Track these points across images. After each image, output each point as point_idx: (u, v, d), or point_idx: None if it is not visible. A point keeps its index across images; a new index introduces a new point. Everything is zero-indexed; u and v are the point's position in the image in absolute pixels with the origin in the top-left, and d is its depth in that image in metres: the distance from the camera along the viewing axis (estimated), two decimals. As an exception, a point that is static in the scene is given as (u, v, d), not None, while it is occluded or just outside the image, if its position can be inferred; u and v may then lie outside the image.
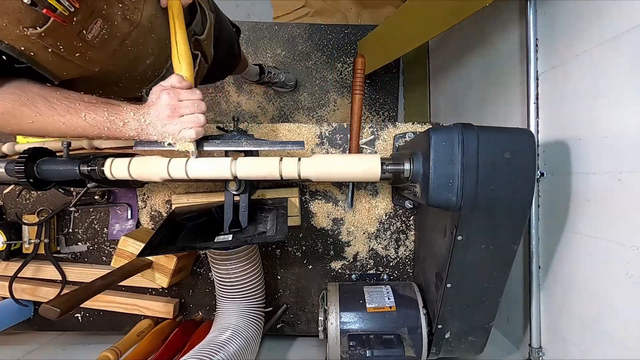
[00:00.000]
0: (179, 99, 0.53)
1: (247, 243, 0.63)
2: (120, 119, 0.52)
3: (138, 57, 0.58)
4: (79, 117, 0.50)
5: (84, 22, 0.45)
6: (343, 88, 1.67)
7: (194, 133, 0.53)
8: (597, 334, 0.57)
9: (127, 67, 0.58)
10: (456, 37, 1.19)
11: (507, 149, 0.47)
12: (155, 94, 0.53)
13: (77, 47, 0.47)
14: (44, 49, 0.44)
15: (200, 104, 0.55)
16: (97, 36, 0.48)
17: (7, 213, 0.81)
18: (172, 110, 0.52)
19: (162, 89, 0.53)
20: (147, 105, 0.53)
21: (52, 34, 0.43)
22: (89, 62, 0.50)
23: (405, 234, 0.81)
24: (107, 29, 0.49)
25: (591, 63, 0.58)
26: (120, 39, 0.52)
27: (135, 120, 0.52)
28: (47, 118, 0.49)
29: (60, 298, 0.54)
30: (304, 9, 1.68)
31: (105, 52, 0.51)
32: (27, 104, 0.48)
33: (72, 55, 0.47)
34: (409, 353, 0.62)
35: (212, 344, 0.59)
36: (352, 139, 0.76)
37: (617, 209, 0.53)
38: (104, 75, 0.55)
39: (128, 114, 0.52)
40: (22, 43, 0.42)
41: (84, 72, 0.52)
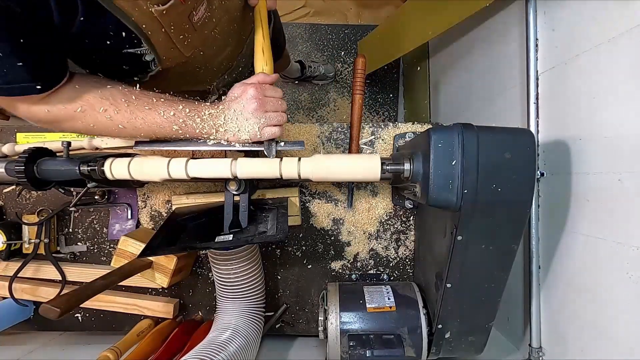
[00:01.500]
0: (265, 95, 0.52)
1: (248, 243, 0.63)
2: (198, 115, 0.51)
3: (222, 45, 0.59)
4: (157, 113, 0.50)
5: (195, 3, 0.46)
6: (343, 88, 1.67)
7: (277, 130, 0.53)
8: (597, 334, 0.57)
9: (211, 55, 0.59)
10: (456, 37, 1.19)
11: (507, 149, 0.47)
12: (239, 89, 0.52)
13: (184, 29, 0.48)
14: (159, 28, 0.44)
15: (283, 103, 0.55)
16: (200, 19, 0.49)
17: (7, 213, 0.81)
18: (260, 104, 0.51)
19: (247, 85, 0.52)
20: (227, 101, 0.53)
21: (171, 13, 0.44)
22: (187, 47, 0.51)
23: (405, 234, 0.81)
24: (209, 13, 0.49)
25: (591, 63, 0.58)
26: (214, 24, 0.53)
27: (213, 116, 0.52)
28: (126, 114, 0.49)
29: (60, 298, 0.54)
30: (304, 9, 1.68)
31: (202, 36, 0.52)
32: (109, 98, 0.48)
33: (177, 37, 0.48)
34: (409, 353, 0.62)
35: (212, 344, 0.59)
36: (352, 139, 0.76)
37: (617, 209, 0.53)
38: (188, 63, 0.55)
39: (206, 109, 0.52)
40: (144, 20, 0.43)
41: (179, 58, 0.52)
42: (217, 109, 0.52)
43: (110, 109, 0.48)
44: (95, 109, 0.48)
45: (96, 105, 0.47)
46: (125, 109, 0.48)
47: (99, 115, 0.48)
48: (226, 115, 0.52)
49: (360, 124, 0.76)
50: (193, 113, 0.51)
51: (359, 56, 0.73)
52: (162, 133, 0.52)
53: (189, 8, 0.46)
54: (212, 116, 0.52)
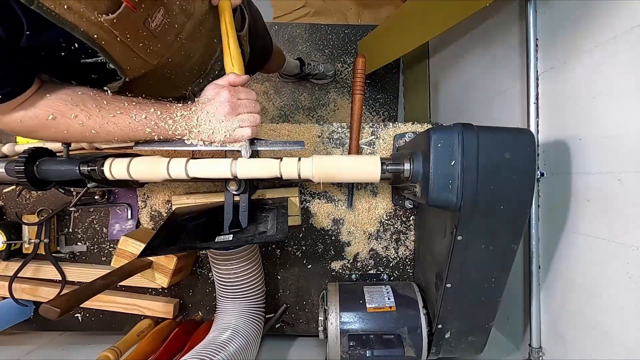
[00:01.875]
0: (239, 97, 0.53)
1: (248, 243, 0.63)
2: (170, 117, 0.52)
3: (189, 50, 0.58)
4: (129, 116, 0.50)
5: (149, 9, 0.45)
6: (343, 88, 1.67)
7: (249, 131, 0.54)
8: (597, 334, 0.57)
9: (179, 61, 0.58)
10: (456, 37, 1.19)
11: (507, 149, 0.47)
12: (212, 91, 0.53)
13: (142, 36, 0.47)
14: (114, 37, 0.44)
15: (257, 104, 0.55)
16: (159, 25, 0.48)
17: (7, 213, 0.81)
18: (232, 108, 0.52)
19: (220, 87, 0.52)
20: (201, 103, 0.53)
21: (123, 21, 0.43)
22: (150, 54, 0.51)
23: (405, 234, 0.81)
24: (168, 19, 0.49)
25: (591, 63, 0.58)
26: (177, 30, 0.52)
27: (186, 118, 0.52)
28: (98, 119, 0.49)
29: (60, 298, 0.54)
30: (304, 9, 1.68)
31: (164, 43, 0.51)
32: (79, 104, 0.48)
33: (137, 45, 0.47)
34: (409, 353, 0.62)
35: (212, 344, 0.59)
36: (352, 139, 0.76)
37: (617, 209, 0.53)
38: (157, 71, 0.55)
39: (177, 111, 0.52)
40: (95, 30, 0.42)
41: (144, 67, 0.52)
42: (190, 111, 0.52)
43: (81, 114, 0.48)
44: (66, 115, 0.48)
45: (67, 112, 0.48)
46: (96, 114, 0.49)
47: (70, 121, 0.48)
48: (199, 117, 0.52)
49: (360, 124, 0.76)
50: (165, 115, 0.51)
51: (359, 56, 0.73)
52: (136, 136, 0.52)
53: (143, 15, 0.45)
54: (185, 117, 0.52)
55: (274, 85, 1.66)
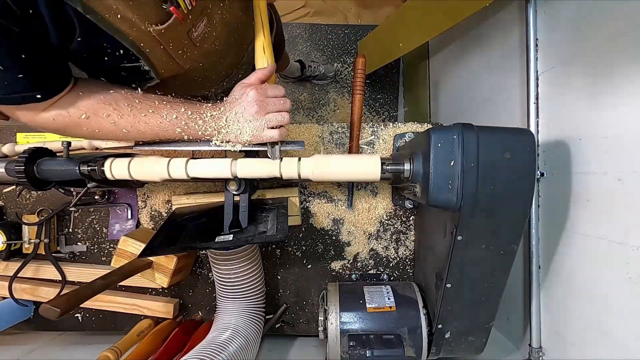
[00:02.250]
0: (267, 95, 0.52)
1: (248, 243, 0.63)
2: (200, 117, 0.51)
3: (221, 56, 0.58)
4: (160, 116, 0.50)
5: (194, 20, 0.46)
6: (343, 88, 1.67)
7: (277, 134, 0.53)
8: (597, 334, 0.57)
9: (210, 66, 0.58)
10: (456, 37, 1.19)
11: (507, 149, 0.47)
12: (240, 91, 0.52)
13: (183, 45, 0.47)
14: (157, 46, 0.44)
15: (286, 102, 0.54)
16: (200, 34, 0.48)
17: (7, 213, 0.81)
18: (260, 107, 0.51)
19: (246, 86, 0.52)
20: (229, 102, 0.52)
21: (170, 32, 0.43)
22: (185, 60, 0.50)
23: (405, 234, 0.81)
24: (208, 28, 0.49)
25: (591, 63, 0.58)
26: (214, 38, 0.52)
27: (215, 118, 0.51)
28: (129, 119, 0.49)
29: (60, 298, 0.54)
30: (304, 9, 1.68)
31: (201, 50, 0.51)
32: (112, 103, 0.48)
33: (176, 52, 0.48)
34: (409, 353, 0.62)
35: (212, 344, 0.59)
36: (352, 139, 0.76)
37: (617, 209, 0.53)
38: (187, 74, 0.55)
39: (207, 111, 0.51)
40: (142, 39, 0.42)
41: (177, 70, 0.52)
42: (219, 111, 0.52)
43: (113, 114, 0.48)
44: (99, 114, 0.48)
45: (100, 111, 0.48)
46: (128, 114, 0.49)
47: (102, 120, 0.48)
48: (228, 117, 0.51)
49: (360, 123, 0.76)
50: (195, 115, 0.51)
51: (359, 56, 0.73)
52: (166, 135, 0.52)
53: (188, 26, 0.45)
54: (214, 118, 0.51)
55: (274, 85, 1.66)
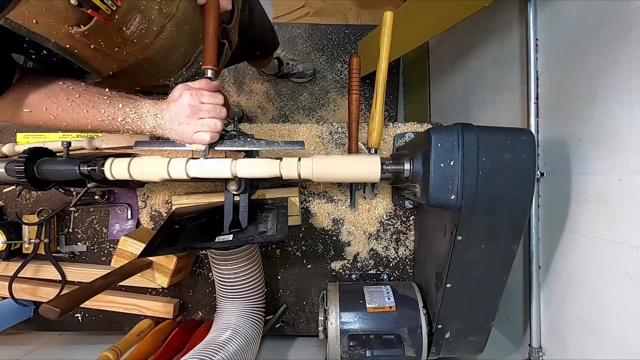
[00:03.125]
0: (201, 101, 0.53)
1: (248, 243, 0.63)
2: (137, 113, 0.52)
3: (170, 48, 0.59)
4: (98, 111, 0.51)
5: (123, 18, 0.46)
6: (343, 88, 1.67)
7: (208, 137, 0.54)
8: (597, 334, 0.57)
9: (159, 59, 0.59)
10: (456, 37, 1.19)
11: (507, 149, 0.47)
12: (178, 92, 0.53)
13: (117, 43, 0.48)
14: (87, 45, 0.45)
15: (221, 110, 0.55)
16: (135, 31, 0.49)
17: (7, 213, 0.81)
18: (192, 111, 0.52)
19: (186, 88, 0.53)
20: (167, 102, 0.53)
21: (95, 32, 0.44)
22: (126, 56, 0.51)
23: (405, 234, 0.81)
24: (145, 24, 0.50)
25: (591, 63, 0.58)
26: (155, 32, 0.53)
27: (152, 115, 0.53)
28: (69, 113, 0.50)
29: (60, 298, 0.54)
30: (304, 9, 1.68)
31: (142, 45, 0.52)
32: (51, 97, 0.49)
33: (112, 50, 0.48)
34: (409, 353, 0.62)
35: (212, 344, 0.59)
36: (351, 139, 0.76)
37: (617, 209, 0.53)
38: (135, 67, 0.56)
39: (145, 108, 0.53)
40: (67, 41, 0.43)
41: (121, 65, 0.53)
42: (157, 109, 0.53)
43: (53, 108, 0.50)
44: (40, 108, 0.50)
45: (41, 106, 0.49)
46: (68, 108, 0.50)
47: (43, 114, 0.50)
48: (164, 116, 0.53)
49: (358, 123, 0.75)
50: (133, 112, 0.52)
51: (353, 56, 0.73)
52: (107, 129, 0.54)
53: (117, 25, 0.46)
54: (152, 115, 0.53)
55: (274, 86, 1.66)
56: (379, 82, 0.66)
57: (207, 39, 0.59)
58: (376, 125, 0.67)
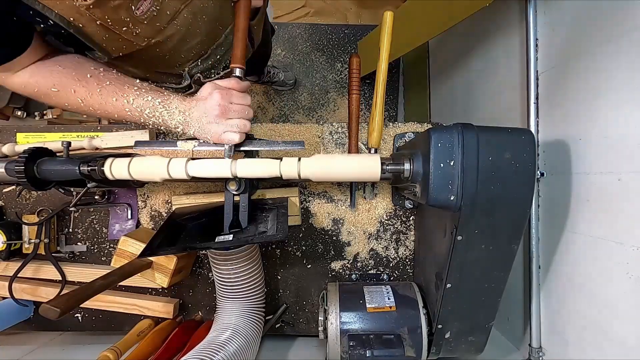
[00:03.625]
0: (231, 101, 0.53)
1: (248, 243, 0.63)
2: (165, 108, 0.52)
3: (185, 36, 0.58)
4: (127, 101, 0.50)
5: None
6: (343, 88, 1.67)
7: (237, 137, 0.54)
8: (597, 334, 0.57)
9: (173, 45, 0.58)
10: (456, 37, 1.19)
11: (507, 149, 0.47)
12: (208, 90, 0.53)
13: (125, 22, 0.47)
14: (92, 21, 0.44)
15: (250, 111, 0.55)
16: (145, 12, 0.48)
17: (7, 213, 0.81)
18: (222, 111, 0.52)
19: (215, 87, 0.53)
20: (196, 99, 0.53)
21: (101, 7, 0.43)
22: (137, 37, 0.51)
23: (405, 234, 0.81)
24: (157, 6, 0.49)
25: (591, 63, 0.58)
26: (169, 17, 0.52)
27: (179, 112, 0.52)
28: (97, 99, 0.50)
29: (60, 298, 0.54)
30: (304, 9, 1.68)
31: (154, 28, 0.52)
32: (82, 80, 0.49)
33: (120, 29, 0.48)
34: (409, 353, 0.62)
35: (212, 344, 0.59)
36: (351, 139, 0.76)
37: (617, 209, 0.53)
38: (146, 51, 0.55)
39: (173, 103, 0.52)
40: (71, 14, 0.42)
41: (131, 47, 0.52)
42: (185, 105, 0.53)
43: (82, 91, 0.49)
44: (68, 90, 0.49)
45: (69, 87, 0.49)
46: (97, 94, 0.50)
47: (71, 96, 0.50)
48: (192, 114, 0.53)
49: (358, 123, 0.75)
50: (161, 106, 0.52)
51: (353, 56, 0.73)
52: (132, 119, 0.53)
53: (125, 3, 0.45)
54: (180, 111, 0.53)
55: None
56: (379, 82, 0.66)
57: (238, 36, 0.58)
58: (376, 125, 0.67)
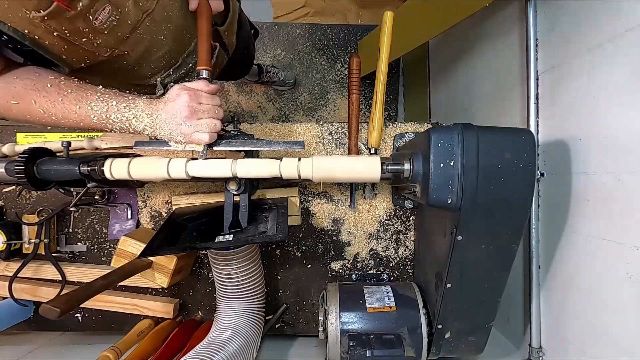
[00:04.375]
0: (199, 102, 0.52)
1: (248, 243, 0.63)
2: (132, 112, 0.51)
3: (152, 45, 0.58)
4: (90, 108, 0.50)
5: (90, 7, 0.44)
6: (343, 88, 1.67)
7: (207, 137, 0.53)
8: (597, 334, 0.57)
9: (139, 55, 0.58)
10: (456, 37, 1.19)
11: (507, 149, 0.47)
12: (175, 92, 0.52)
13: (84, 32, 0.46)
14: (49, 32, 0.43)
15: (219, 111, 0.55)
16: (105, 22, 0.47)
17: (7, 213, 0.81)
18: (191, 112, 0.52)
19: (183, 89, 0.52)
20: (163, 102, 0.53)
21: (56, 18, 0.42)
22: (98, 48, 0.50)
23: (405, 234, 0.81)
24: (117, 16, 0.48)
25: (591, 63, 0.58)
26: (131, 26, 0.51)
27: (147, 115, 0.52)
28: (60, 107, 0.49)
29: (60, 298, 0.54)
30: (304, 9, 1.68)
31: (115, 38, 0.51)
32: (40, 90, 0.48)
33: (80, 40, 0.47)
34: (409, 353, 0.62)
35: (212, 344, 0.59)
36: (351, 139, 0.76)
37: (617, 209, 0.53)
38: (114, 61, 0.55)
39: (139, 107, 0.51)
40: (25, 26, 0.41)
41: (94, 58, 0.51)
42: (152, 108, 0.52)
43: (43, 101, 0.48)
44: (27, 101, 0.48)
45: (29, 98, 0.48)
46: (59, 103, 0.49)
47: (32, 107, 0.49)
48: (160, 116, 0.52)
49: (358, 123, 0.75)
50: (127, 110, 0.51)
51: (353, 56, 0.73)
52: (98, 127, 0.52)
53: (81, 13, 0.44)
54: (147, 114, 0.52)
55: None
56: (379, 82, 0.66)
57: (201, 40, 0.58)
58: (376, 125, 0.67)
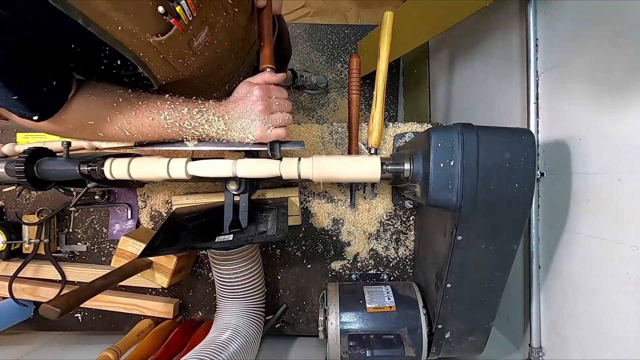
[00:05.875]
0: (270, 96, 0.51)
1: (248, 243, 0.63)
2: (204, 117, 0.50)
3: (223, 62, 0.58)
4: (162, 118, 0.49)
5: (195, 30, 0.45)
6: (343, 88, 1.67)
7: (283, 132, 0.52)
8: (597, 334, 0.57)
9: (211, 72, 0.57)
10: (456, 37, 1.19)
11: (507, 149, 0.47)
12: (245, 89, 0.51)
13: (183, 54, 0.47)
14: (157, 55, 0.44)
15: (289, 104, 0.54)
16: (201, 44, 0.47)
17: (7, 213, 0.81)
18: (266, 106, 0.50)
19: (252, 84, 0.51)
20: (232, 101, 0.51)
21: (170, 42, 0.43)
22: (186, 68, 0.49)
23: (405, 234, 0.81)
24: (210, 37, 0.48)
25: (591, 63, 0.58)
26: (216, 46, 0.51)
27: (219, 117, 0.51)
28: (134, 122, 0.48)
29: (60, 298, 0.54)
30: (304, 9, 1.68)
31: (202, 58, 0.50)
32: (115, 106, 0.47)
33: (176, 61, 0.47)
34: (409, 353, 0.62)
35: (212, 344, 0.59)
36: (351, 139, 0.76)
37: (617, 209, 0.53)
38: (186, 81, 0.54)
39: (210, 110, 0.50)
40: (142, 50, 0.42)
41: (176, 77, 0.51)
42: (223, 109, 0.51)
43: (118, 118, 0.48)
44: (104, 119, 0.47)
45: (104, 115, 0.47)
46: (133, 118, 0.48)
47: (106, 125, 0.48)
48: (232, 116, 0.51)
49: (358, 123, 0.75)
50: (199, 115, 0.50)
51: (353, 56, 0.73)
52: (170, 136, 0.51)
53: (189, 36, 0.44)
54: (218, 117, 0.51)
55: (274, 85, 1.66)
56: (379, 82, 0.66)
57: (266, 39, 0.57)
58: (376, 125, 0.67)
